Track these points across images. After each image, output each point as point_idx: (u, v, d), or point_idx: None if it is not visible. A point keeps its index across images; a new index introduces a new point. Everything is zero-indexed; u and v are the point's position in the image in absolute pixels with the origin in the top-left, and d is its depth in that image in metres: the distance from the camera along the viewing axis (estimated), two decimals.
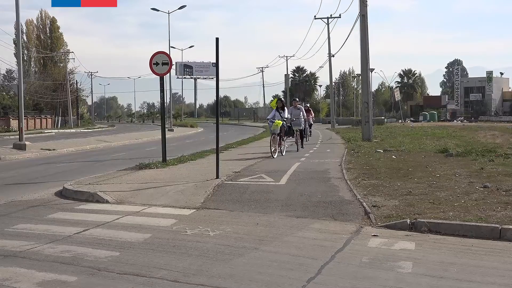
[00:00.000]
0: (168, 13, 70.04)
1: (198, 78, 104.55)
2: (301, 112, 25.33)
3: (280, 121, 20.94)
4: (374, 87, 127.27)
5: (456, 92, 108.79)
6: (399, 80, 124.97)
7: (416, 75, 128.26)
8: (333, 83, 79.63)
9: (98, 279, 6.38)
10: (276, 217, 9.89)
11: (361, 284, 6.13)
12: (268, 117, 21.80)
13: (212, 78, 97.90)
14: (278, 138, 21.13)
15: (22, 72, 31.51)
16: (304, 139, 28.42)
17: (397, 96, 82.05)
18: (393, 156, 19.91)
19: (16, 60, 77.24)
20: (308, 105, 34.61)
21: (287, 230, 8.78)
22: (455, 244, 7.89)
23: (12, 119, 67.41)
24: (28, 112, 75.91)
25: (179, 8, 68.12)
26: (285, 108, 23.02)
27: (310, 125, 33.29)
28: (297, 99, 27.26)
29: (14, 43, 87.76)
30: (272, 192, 12.47)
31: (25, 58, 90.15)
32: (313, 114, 33.68)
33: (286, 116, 21.60)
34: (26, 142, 28.50)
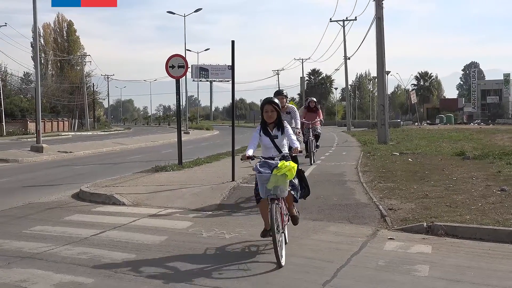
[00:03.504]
0: (184, 16, 70.29)
1: (214, 80, 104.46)
2: (294, 119, 12.98)
3: (286, 165, 7.16)
4: (390, 89, 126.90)
5: (473, 95, 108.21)
6: (415, 82, 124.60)
7: (432, 77, 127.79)
8: (349, 86, 79.47)
9: (114, 281, 6.41)
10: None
11: (378, 287, 6.10)
12: (248, 151, 7.59)
13: (227, 81, 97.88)
14: (283, 205, 7.53)
15: (40, 75, 31.78)
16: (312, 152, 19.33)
17: (413, 98, 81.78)
18: (410, 159, 19.81)
19: (33, 63, 77.83)
20: (315, 99, 20.14)
21: (303, 233, 8.77)
22: (472, 247, 7.83)
23: (29, 121, 67.90)
24: (45, 114, 76.38)
25: (195, 11, 68.41)
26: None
27: (317, 136, 19.56)
28: (284, 92, 12.39)
29: (32, 46, 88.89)
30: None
31: (42, 61, 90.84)
32: (322, 116, 19.71)
33: (296, 134, 11.32)
34: (44, 145, 28.71)
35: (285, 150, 7.64)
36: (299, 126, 13.08)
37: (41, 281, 6.41)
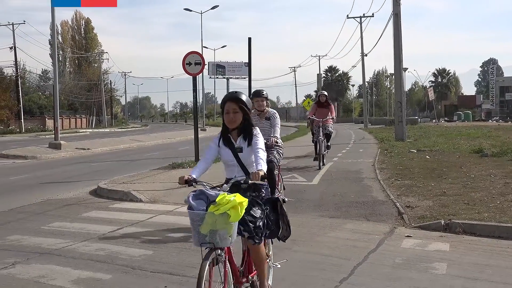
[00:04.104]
0: (201, 13, 70.47)
1: (231, 77, 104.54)
2: (273, 128, 9.68)
3: (227, 200, 4.62)
4: (407, 86, 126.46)
5: (491, 92, 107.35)
6: (433, 79, 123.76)
7: (450, 74, 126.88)
8: (366, 83, 79.19)
9: (132, 277, 6.44)
10: (309, 217, 9.86)
11: (395, 285, 6.08)
12: (193, 171, 5.25)
13: (244, 78, 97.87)
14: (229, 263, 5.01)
15: (58, 73, 31.95)
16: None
17: (431, 95, 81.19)
18: (427, 156, 19.71)
19: (51, 61, 78.45)
20: (326, 93, 17.81)
21: (320, 230, 8.76)
22: (490, 245, 7.77)
23: (47, 118, 68.50)
24: (63, 111, 76.94)
25: (211, 8, 68.37)
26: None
27: (328, 135, 17.31)
28: (263, 93, 9.71)
29: (50, 44, 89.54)
30: (305, 192, 12.45)
31: (60, 59, 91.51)
32: (334, 113, 17.46)
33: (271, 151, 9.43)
34: (61, 142, 28.88)
35: (260, 168, 5.00)
36: (278, 135, 9.54)
37: (59, 277, 6.46)
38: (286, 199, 10.18)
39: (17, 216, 10.52)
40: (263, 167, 5.02)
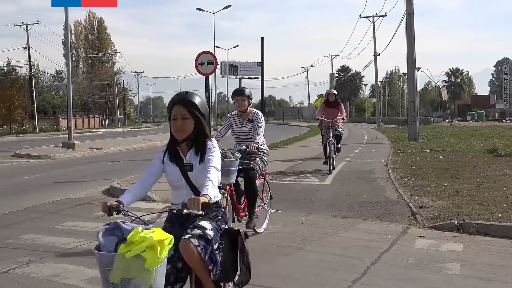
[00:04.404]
0: (213, 13, 70.61)
1: (243, 77, 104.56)
2: (256, 131, 8.42)
3: (142, 238, 3.42)
4: (420, 86, 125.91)
5: (505, 91, 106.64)
6: (446, 79, 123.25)
7: (463, 74, 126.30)
8: (379, 83, 78.99)
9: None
10: (321, 217, 9.85)
11: (408, 285, 6.06)
12: (124, 195, 4.38)
13: (256, 78, 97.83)
14: None
15: (71, 72, 32.11)
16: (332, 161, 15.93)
17: (444, 95, 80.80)
18: (440, 156, 19.62)
19: (65, 61, 78.82)
20: (335, 92, 16.89)
21: (332, 230, 8.74)
22: (504, 246, 7.73)
23: (61, 118, 68.89)
24: (77, 111, 77.30)
25: (224, 8, 68.48)
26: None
27: (339, 137, 16.17)
28: (245, 91, 8.63)
29: (63, 43, 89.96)
30: (317, 191, 12.44)
31: (73, 59, 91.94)
32: (344, 113, 16.46)
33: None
34: (75, 141, 29.02)
35: (204, 193, 3.86)
36: (260, 140, 8.20)
37: (73, 276, 6.49)
38: (272, 211, 8.99)
39: (31, 215, 10.60)
40: (210, 192, 3.86)
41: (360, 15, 64.86)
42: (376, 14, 64.91)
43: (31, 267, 6.90)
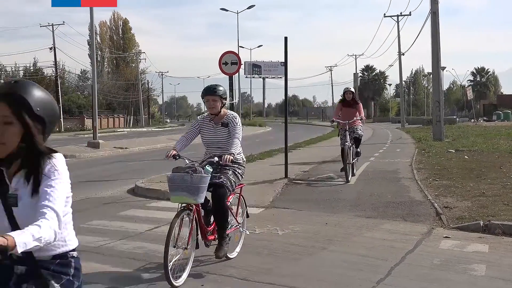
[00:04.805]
0: (237, 13, 70.71)
1: (267, 77, 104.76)
2: (232, 138, 6.95)
3: None
4: (445, 85, 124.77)
5: None
6: (471, 78, 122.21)
7: (489, 73, 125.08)
8: (403, 82, 78.52)
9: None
10: (345, 217, 9.83)
11: (433, 286, 6.03)
12: None
13: (280, 77, 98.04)
14: None
15: (96, 73, 32.39)
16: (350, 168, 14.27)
17: (470, 95, 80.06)
18: (466, 156, 19.45)
19: (90, 61, 79.53)
20: (353, 89, 15.47)
21: (356, 231, 8.72)
22: None
23: (86, 118, 69.45)
24: (102, 111, 77.89)
25: (247, 8, 68.63)
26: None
27: (358, 140, 14.61)
28: (218, 89, 6.90)
29: (88, 44, 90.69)
30: (341, 191, 12.41)
31: (98, 59, 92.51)
32: (363, 113, 14.99)
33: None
34: (100, 141, 29.25)
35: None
36: (236, 150, 6.78)
37: (98, 274, 6.55)
38: (248, 232, 7.77)
39: None
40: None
41: (384, 14, 64.59)
42: (401, 13, 64.52)
43: None
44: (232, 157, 6.58)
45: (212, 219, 6.82)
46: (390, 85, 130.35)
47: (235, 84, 30.80)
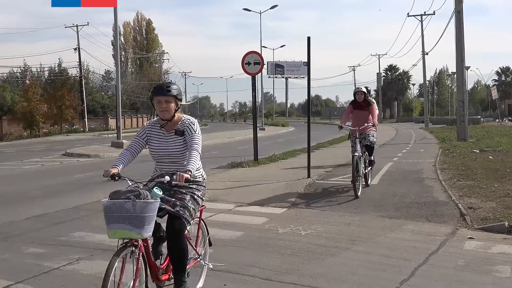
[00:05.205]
0: (260, 13, 70.69)
1: (289, 77, 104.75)
2: (190, 149, 5.31)
3: None
4: (469, 85, 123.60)
5: None
6: (496, 78, 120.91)
7: None
8: (427, 82, 78.00)
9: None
10: (368, 217, 9.80)
11: (456, 287, 5.98)
12: None
13: (303, 77, 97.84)
14: None
15: (120, 73, 32.63)
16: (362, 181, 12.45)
17: (494, 94, 79.32)
18: (490, 157, 19.27)
19: (114, 61, 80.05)
20: (365, 89, 12.94)
21: (379, 231, 8.68)
22: None
23: (110, 118, 70.01)
24: (125, 111, 78.44)
25: (270, 8, 68.58)
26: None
27: (370, 148, 12.90)
28: (172, 88, 5.29)
29: (112, 44, 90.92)
30: (364, 192, 12.35)
31: (122, 59, 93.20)
32: (376, 116, 12.66)
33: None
34: (124, 141, 29.44)
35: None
36: (194, 166, 5.13)
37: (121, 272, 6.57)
38: (211, 265, 6.17)
39: (81, 214, 10.80)
40: None
41: (408, 13, 64.35)
42: (425, 12, 64.25)
43: (81, 264, 7.05)
44: (189, 176, 5.00)
45: (163, 249, 5.49)
46: (413, 84, 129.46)
47: (258, 84, 30.80)
